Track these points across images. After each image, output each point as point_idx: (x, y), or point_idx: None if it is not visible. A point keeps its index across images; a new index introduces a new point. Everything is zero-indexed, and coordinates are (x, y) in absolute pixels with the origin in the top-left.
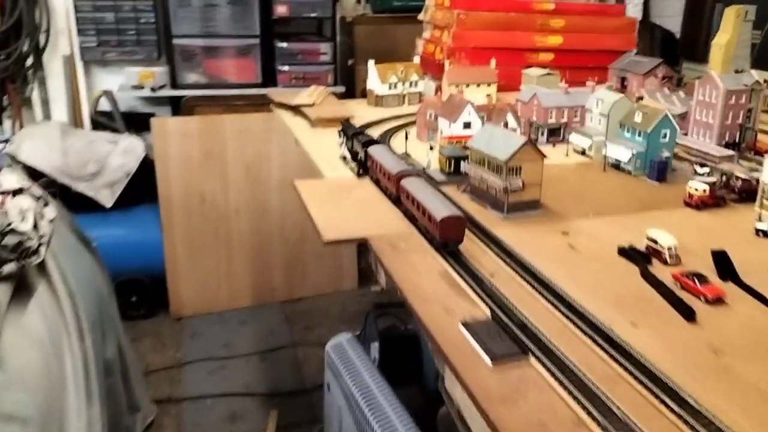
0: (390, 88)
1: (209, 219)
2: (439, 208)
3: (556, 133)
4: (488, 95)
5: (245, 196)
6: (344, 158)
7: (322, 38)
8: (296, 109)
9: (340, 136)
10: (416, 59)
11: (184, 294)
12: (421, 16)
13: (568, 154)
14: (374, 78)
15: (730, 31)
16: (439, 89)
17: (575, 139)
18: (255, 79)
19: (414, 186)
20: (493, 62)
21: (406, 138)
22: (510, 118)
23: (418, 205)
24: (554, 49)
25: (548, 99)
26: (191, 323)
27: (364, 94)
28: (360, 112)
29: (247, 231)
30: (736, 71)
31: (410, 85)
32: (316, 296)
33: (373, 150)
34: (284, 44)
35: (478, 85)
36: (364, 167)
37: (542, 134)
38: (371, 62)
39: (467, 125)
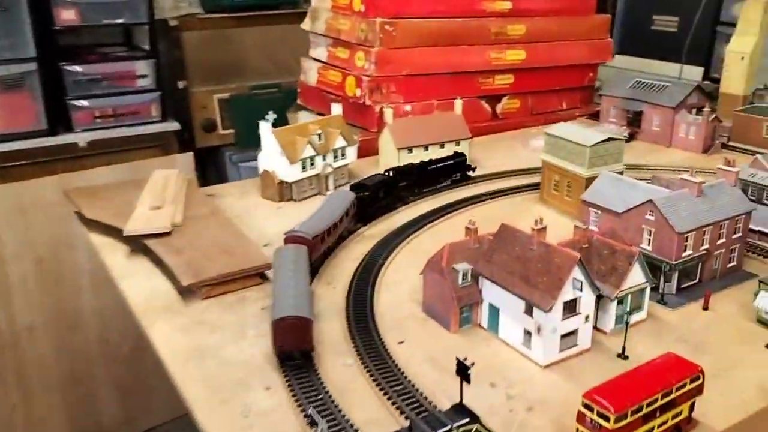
0: (304, 168)
1: None
2: (282, 304)
3: (690, 274)
4: (458, 154)
5: (41, 305)
6: None
7: (136, 53)
8: (134, 238)
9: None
10: (338, 111)
11: None
12: (306, 25)
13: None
14: (276, 155)
15: (756, 34)
16: (365, 146)
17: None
18: (35, 125)
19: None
20: (458, 104)
21: (465, 382)
22: (638, 271)
23: None
24: (515, 69)
25: (678, 212)
26: None
27: (207, 128)
28: (264, 224)
29: (51, 353)
30: (759, 90)
31: (335, 156)
32: (169, 423)
33: None
34: (77, 67)
35: (442, 146)
36: None
37: (669, 279)
38: (266, 126)
39: (571, 308)
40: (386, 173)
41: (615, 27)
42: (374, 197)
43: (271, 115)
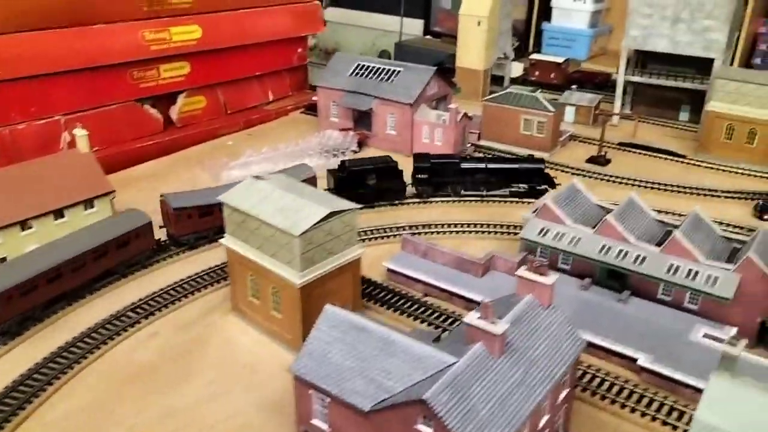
0: None
1: None
2: None
3: None
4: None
5: None
6: None
7: None
8: None
9: None
10: None
11: None
12: None
13: None
14: None
15: None
16: None
17: None
18: None
19: None
20: (81, 137)
21: None
22: None
23: None
24: (189, 53)
25: (477, 411)
26: None
27: None
28: None
29: None
30: (500, 59)
31: None
32: None
33: None
34: None
35: (59, 215)
36: None
37: None
38: None
39: None
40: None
41: None
42: (355, 181)
43: None
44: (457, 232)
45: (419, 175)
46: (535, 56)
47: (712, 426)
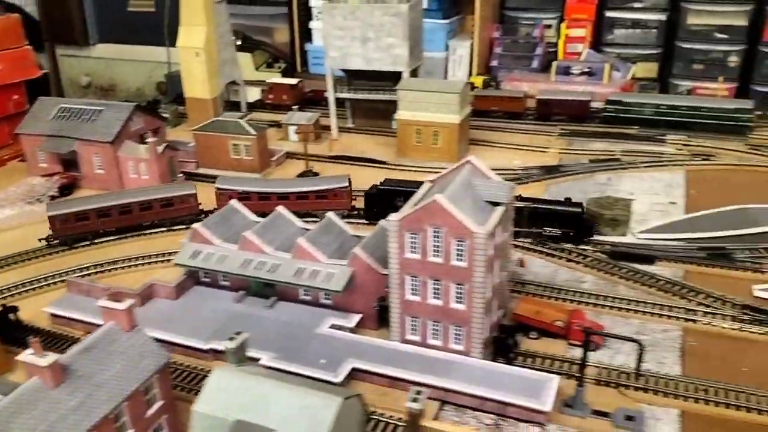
0: None
1: None
2: None
3: None
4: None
5: None
6: None
7: None
8: None
9: None
10: None
11: None
12: None
13: None
14: None
15: (205, 23)
16: None
17: None
18: None
19: None
20: None
21: None
22: None
23: None
24: None
25: None
26: None
27: None
28: None
29: None
30: (232, 85)
31: None
32: None
33: None
34: None
35: None
36: None
37: None
38: None
39: None
40: None
41: (88, 12)
42: (383, 201)
43: None
44: (145, 264)
45: None
46: (272, 80)
47: (208, 415)
